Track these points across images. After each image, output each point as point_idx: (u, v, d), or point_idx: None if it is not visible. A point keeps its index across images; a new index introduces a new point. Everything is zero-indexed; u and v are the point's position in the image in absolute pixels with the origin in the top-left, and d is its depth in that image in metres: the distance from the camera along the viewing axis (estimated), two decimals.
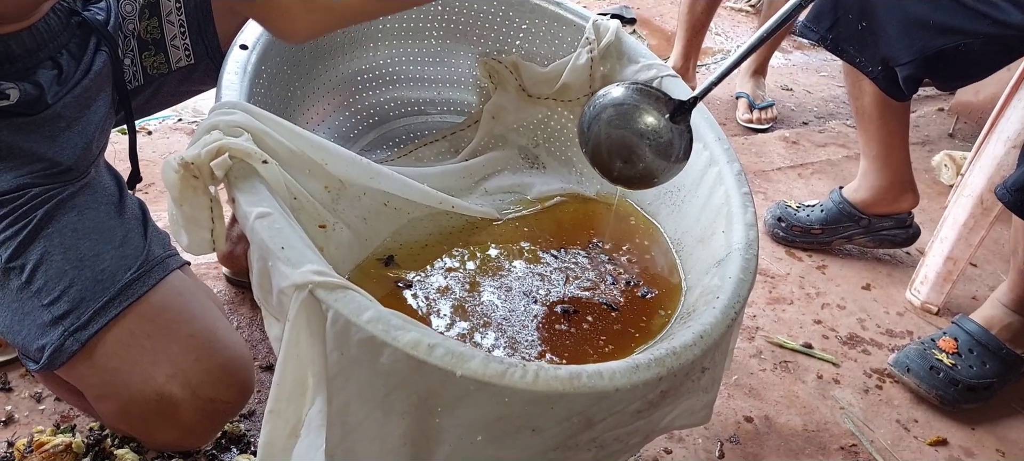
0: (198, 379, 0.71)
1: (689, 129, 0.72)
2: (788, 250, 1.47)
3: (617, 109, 0.73)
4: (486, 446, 0.56)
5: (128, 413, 0.72)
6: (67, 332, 0.69)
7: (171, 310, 0.73)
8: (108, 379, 0.71)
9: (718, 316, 0.63)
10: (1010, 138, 1.22)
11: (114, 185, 0.80)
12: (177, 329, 0.72)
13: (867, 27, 1.21)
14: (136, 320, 0.71)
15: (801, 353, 1.23)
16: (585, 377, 0.54)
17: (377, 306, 0.53)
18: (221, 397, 0.73)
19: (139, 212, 0.79)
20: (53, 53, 0.76)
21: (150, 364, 0.70)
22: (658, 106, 0.72)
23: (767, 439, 1.07)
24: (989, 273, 1.49)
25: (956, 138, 2.02)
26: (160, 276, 0.74)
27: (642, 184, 0.77)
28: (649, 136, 0.72)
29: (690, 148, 0.73)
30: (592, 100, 0.75)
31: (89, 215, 0.74)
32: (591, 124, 0.74)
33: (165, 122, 1.70)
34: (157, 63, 0.89)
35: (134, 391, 0.70)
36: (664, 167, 0.74)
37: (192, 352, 0.72)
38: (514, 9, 0.97)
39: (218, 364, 0.73)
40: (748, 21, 2.69)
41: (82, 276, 0.70)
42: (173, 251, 0.78)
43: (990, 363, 1.14)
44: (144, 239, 0.76)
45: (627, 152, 0.73)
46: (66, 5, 0.78)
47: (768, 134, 1.94)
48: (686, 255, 0.83)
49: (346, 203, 0.76)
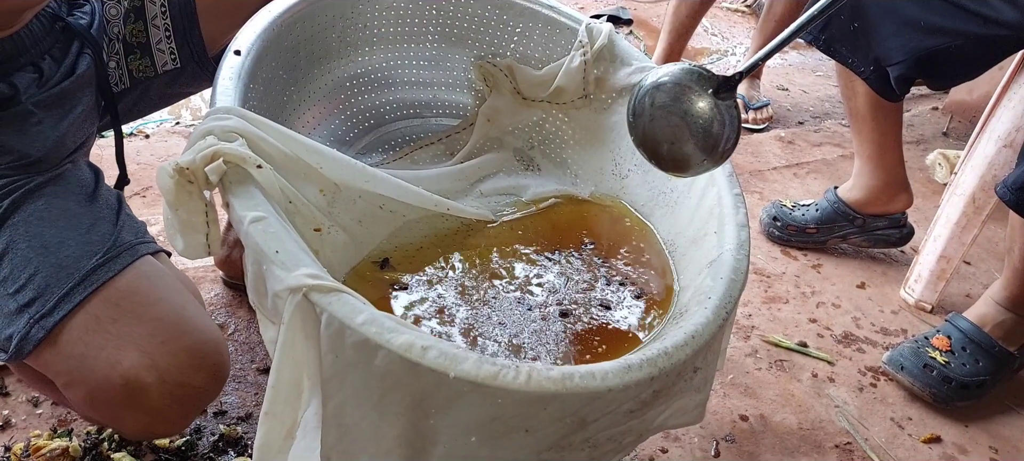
0: (165, 363, 0.69)
1: (736, 106, 0.70)
2: (783, 249, 1.48)
3: (665, 89, 0.69)
4: (480, 447, 0.56)
5: (96, 400, 0.70)
6: (33, 320, 0.68)
7: (138, 294, 0.71)
8: (74, 366, 0.70)
9: (710, 316, 0.64)
10: (1001, 137, 1.23)
11: (91, 178, 0.79)
12: (143, 313, 0.71)
13: (859, 28, 1.21)
14: (101, 305, 0.70)
15: (796, 352, 1.24)
16: (577, 378, 0.54)
17: (371, 309, 0.54)
18: (190, 381, 0.71)
19: (114, 202, 0.78)
20: (35, 58, 0.76)
21: (115, 349, 0.69)
22: (702, 84, 0.69)
23: (763, 438, 1.08)
24: (982, 271, 1.50)
25: (950, 137, 2.03)
26: (128, 261, 0.72)
27: (686, 168, 0.73)
28: (697, 116, 0.69)
29: (739, 128, 0.71)
30: (638, 84, 0.72)
31: (57, 203, 0.73)
32: (638, 108, 0.71)
33: (163, 125, 1.71)
34: (143, 66, 0.89)
35: (100, 377, 0.69)
36: (712, 146, 0.70)
37: (158, 335, 0.70)
38: (509, 13, 0.97)
39: (185, 347, 0.71)
40: (744, 21, 2.70)
41: (46, 263, 0.70)
42: (146, 239, 0.77)
43: (983, 361, 1.15)
44: (114, 226, 0.75)
45: (674, 133, 0.70)
46: (50, 11, 0.78)
47: (764, 134, 1.95)
48: (679, 256, 0.83)
49: (341, 206, 0.77)
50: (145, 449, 0.92)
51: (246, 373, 1.06)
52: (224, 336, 1.04)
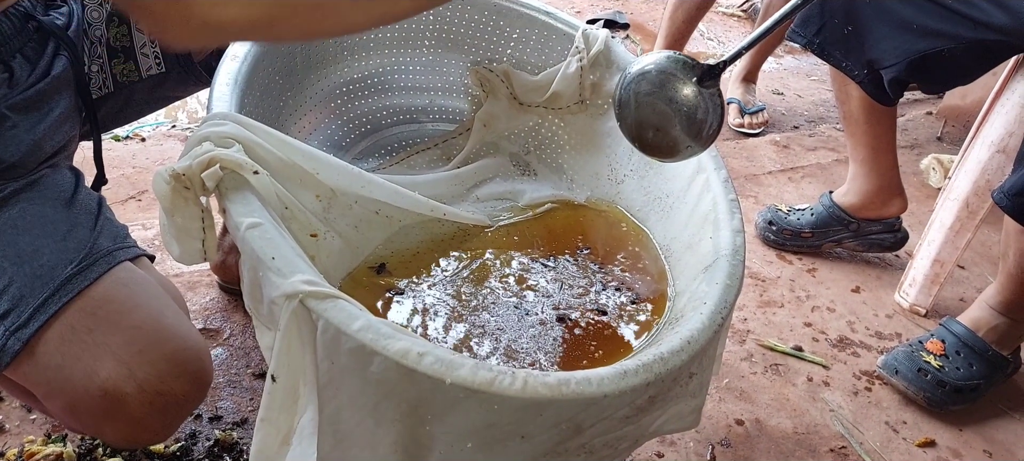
0: (143, 372, 0.68)
1: (720, 94, 0.71)
2: (779, 253, 1.49)
3: (650, 78, 0.71)
4: (476, 453, 0.56)
5: (76, 410, 0.69)
6: (8, 332, 0.67)
7: (115, 302, 0.70)
8: (53, 377, 0.68)
9: (705, 322, 0.64)
10: (994, 142, 1.23)
11: (71, 182, 0.78)
12: (120, 321, 0.69)
13: (853, 31, 1.22)
14: (77, 315, 0.69)
15: (791, 356, 1.24)
16: (573, 383, 0.54)
17: (367, 315, 0.54)
18: (171, 389, 0.70)
19: (93, 207, 0.77)
20: (5, 57, 0.74)
21: (92, 359, 0.68)
22: (686, 72, 0.70)
23: (758, 442, 1.08)
24: (976, 275, 1.51)
25: (944, 141, 2.04)
26: (104, 268, 0.71)
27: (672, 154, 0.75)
28: (681, 103, 0.71)
29: (723, 115, 0.72)
30: (624, 73, 0.73)
31: (32, 210, 0.72)
32: (625, 92, 0.73)
33: (159, 128, 1.70)
34: (127, 70, 0.88)
35: (78, 388, 0.68)
36: (696, 132, 0.71)
37: (136, 344, 0.69)
38: (505, 18, 0.98)
39: (164, 355, 0.69)
40: (740, 26, 2.71)
41: (21, 273, 0.68)
42: (125, 243, 0.76)
43: (977, 365, 1.16)
44: (92, 232, 0.73)
45: (660, 119, 0.72)
46: (22, 9, 0.77)
47: (759, 138, 1.95)
48: (675, 261, 0.84)
49: (337, 212, 0.77)
50: (140, 455, 0.92)
51: (242, 378, 1.06)
52: (207, 341, 1.03)
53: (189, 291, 1.19)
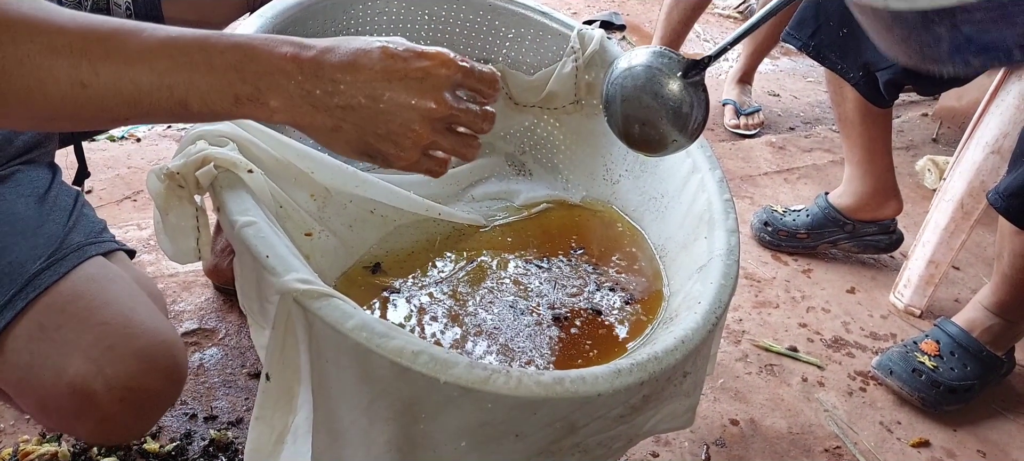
0: (112, 369, 0.67)
1: (704, 88, 0.72)
2: (774, 254, 1.49)
3: (635, 74, 0.71)
4: (470, 452, 0.56)
5: (46, 408, 0.69)
6: None
7: (83, 298, 0.69)
8: (22, 375, 0.68)
9: (699, 321, 0.64)
10: (988, 144, 1.24)
11: (46, 178, 0.76)
12: (88, 318, 0.68)
13: (848, 33, 1.22)
14: (44, 311, 0.68)
15: (786, 356, 1.24)
16: (567, 382, 0.54)
17: (361, 314, 0.54)
18: (142, 386, 0.68)
19: (68, 203, 0.75)
20: None
21: (60, 357, 0.67)
22: (672, 67, 0.71)
23: (752, 442, 1.08)
24: (971, 276, 1.51)
25: (940, 143, 2.05)
26: (73, 264, 0.70)
27: (659, 148, 0.75)
28: (667, 98, 0.71)
29: (708, 109, 0.72)
30: (610, 69, 0.74)
31: (2, 207, 0.71)
32: (611, 88, 0.73)
33: (154, 128, 1.70)
34: None
35: (47, 385, 0.67)
36: (682, 125, 0.72)
37: (104, 340, 0.67)
38: (500, 18, 0.98)
39: (134, 352, 0.68)
40: (736, 27, 2.71)
41: None
42: (99, 239, 0.75)
43: (971, 365, 1.16)
44: (64, 227, 0.72)
45: (646, 114, 0.72)
46: None
47: (755, 139, 1.96)
48: (669, 261, 0.84)
49: (332, 211, 0.77)
50: (135, 455, 0.92)
51: (237, 378, 1.06)
52: (202, 341, 1.02)
53: (184, 290, 1.19)
